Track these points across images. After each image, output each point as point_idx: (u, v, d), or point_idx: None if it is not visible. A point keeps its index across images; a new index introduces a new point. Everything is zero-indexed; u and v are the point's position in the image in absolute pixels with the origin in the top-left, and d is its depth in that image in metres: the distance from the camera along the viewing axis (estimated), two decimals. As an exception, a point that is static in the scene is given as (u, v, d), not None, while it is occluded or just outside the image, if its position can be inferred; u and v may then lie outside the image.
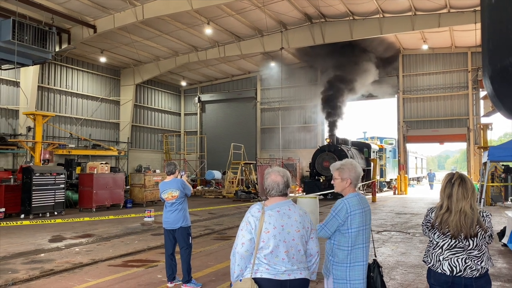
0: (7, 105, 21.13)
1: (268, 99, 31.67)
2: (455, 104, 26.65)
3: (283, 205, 2.96)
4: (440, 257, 3.11)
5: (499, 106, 1.59)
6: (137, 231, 11.49)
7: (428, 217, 3.26)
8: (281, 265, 2.81)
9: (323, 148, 22.91)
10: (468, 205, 3.05)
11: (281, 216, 2.89)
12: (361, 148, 26.20)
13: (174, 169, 6.38)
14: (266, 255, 2.81)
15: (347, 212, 3.23)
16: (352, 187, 3.38)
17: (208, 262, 7.66)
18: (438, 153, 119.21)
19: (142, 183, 18.70)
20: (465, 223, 3.02)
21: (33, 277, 6.64)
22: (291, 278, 2.82)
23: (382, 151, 29.58)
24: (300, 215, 2.95)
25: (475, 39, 24.32)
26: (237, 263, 2.87)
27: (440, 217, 3.11)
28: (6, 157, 20.76)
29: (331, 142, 22.78)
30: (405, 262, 7.58)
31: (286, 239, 2.84)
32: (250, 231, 2.86)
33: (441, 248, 3.12)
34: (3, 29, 12.91)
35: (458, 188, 3.08)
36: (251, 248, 2.85)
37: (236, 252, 2.88)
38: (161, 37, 23.29)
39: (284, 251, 2.82)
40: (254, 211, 2.94)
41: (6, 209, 13.88)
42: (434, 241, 3.18)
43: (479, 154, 23.54)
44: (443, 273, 3.09)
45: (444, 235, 3.11)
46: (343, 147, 22.59)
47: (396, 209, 17.02)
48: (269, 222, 2.85)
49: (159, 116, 32.67)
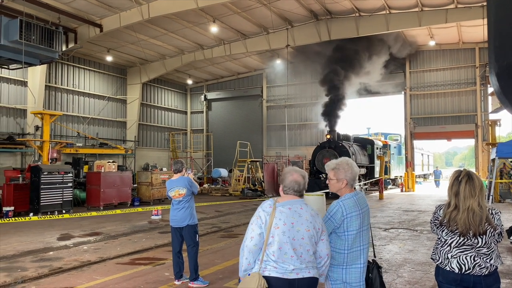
0: (15, 105, 21.30)
1: (274, 97, 31.64)
2: (463, 100, 26.44)
3: (295, 203, 2.96)
4: (449, 255, 3.08)
5: (505, 103, 1.58)
6: (144, 229, 11.55)
7: (436, 215, 3.23)
8: (289, 262, 2.81)
9: (323, 145, 21.69)
10: (476, 202, 3.01)
11: (292, 213, 2.89)
12: (364, 145, 25.36)
13: (181, 167, 6.40)
14: (275, 252, 2.81)
15: (343, 215, 3.11)
16: (349, 187, 3.25)
17: (215, 260, 7.68)
18: (446, 149, 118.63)
19: (149, 181, 18.78)
20: (474, 221, 2.99)
21: (42, 275, 6.71)
22: (299, 277, 2.81)
23: (386, 147, 28.55)
24: (311, 215, 2.94)
25: (483, 35, 24.04)
26: (245, 256, 2.87)
27: (448, 215, 3.08)
28: (14, 156, 20.95)
29: (332, 138, 21.51)
30: (412, 260, 7.55)
31: (296, 237, 2.83)
32: (260, 225, 2.87)
33: (450, 246, 3.09)
34: (11, 29, 13.01)
35: (466, 185, 3.04)
36: (260, 242, 2.85)
37: (245, 246, 2.88)
38: (167, 35, 23.34)
39: (292, 249, 2.81)
40: (265, 206, 2.94)
41: (15, 207, 14.00)
42: (443, 239, 3.15)
43: (487, 151, 23.35)
44: (452, 270, 3.06)
45: (452, 233, 3.08)
46: (344, 143, 21.59)
47: (404, 206, 16.95)
48: (280, 218, 2.85)
49: (165, 114, 32.78)
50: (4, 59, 13.94)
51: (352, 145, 23.02)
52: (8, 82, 21.13)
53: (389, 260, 7.49)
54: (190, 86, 34.71)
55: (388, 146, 28.83)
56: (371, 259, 3.41)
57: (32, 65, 15.30)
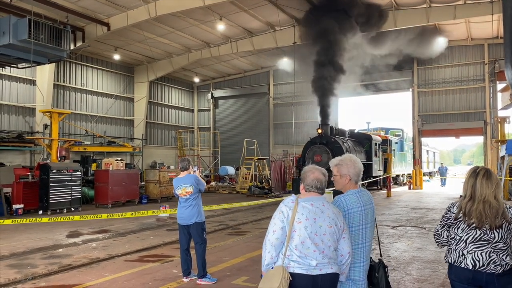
0: (24, 103, 21.49)
1: (281, 94, 31.59)
2: (471, 97, 26.21)
3: (317, 200, 2.98)
4: (464, 251, 3.05)
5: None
6: (152, 226, 11.61)
7: (449, 212, 3.18)
8: (312, 257, 2.83)
9: (314, 140, 19.26)
10: (492, 195, 2.98)
11: (315, 209, 2.91)
12: (361, 140, 23.37)
13: (187, 165, 6.42)
14: (297, 245, 2.84)
15: (344, 210, 3.12)
16: (353, 183, 3.26)
17: (223, 257, 7.70)
18: (454, 147, 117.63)
19: (156, 179, 18.86)
20: (490, 213, 2.95)
21: (52, 272, 6.77)
22: (322, 273, 2.83)
23: (387, 143, 26.43)
24: (333, 213, 2.96)
25: (492, 31, 23.85)
26: (267, 250, 2.91)
27: (464, 206, 3.05)
28: (23, 154, 21.15)
29: (324, 133, 19.17)
30: (421, 257, 7.51)
31: (318, 233, 2.85)
32: (282, 220, 2.89)
33: (465, 242, 3.05)
34: (20, 28, 13.09)
35: (482, 178, 3.03)
36: (282, 236, 2.87)
37: (268, 240, 2.92)
38: (173, 33, 23.39)
39: (314, 244, 2.84)
40: (288, 201, 2.98)
41: (24, 205, 14.15)
42: (457, 236, 3.11)
43: (496, 148, 23.12)
44: (466, 267, 3.02)
45: (468, 228, 3.04)
46: (337, 139, 19.34)
47: (411, 204, 16.86)
48: (302, 213, 2.88)
49: (172, 112, 32.88)
50: (13, 58, 14.05)
51: (346, 140, 20.99)
52: (17, 81, 21.32)
53: (397, 258, 7.46)
54: (197, 84, 34.78)
55: (389, 142, 26.77)
56: (378, 258, 3.41)
57: (40, 64, 15.42)
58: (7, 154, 20.10)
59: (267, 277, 2.83)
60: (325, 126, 19.46)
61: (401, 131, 30.70)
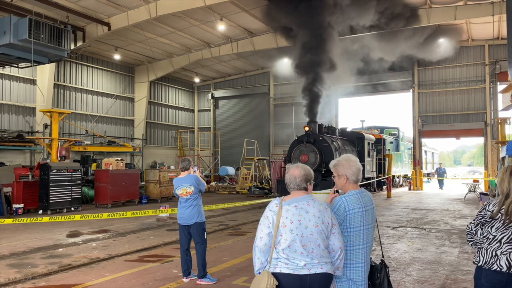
0: (24, 103, 21.49)
1: (281, 95, 31.58)
2: (472, 98, 26.19)
3: (301, 200, 2.97)
4: (498, 252, 2.93)
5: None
6: (152, 226, 11.60)
7: (484, 210, 3.07)
8: (300, 259, 2.82)
9: (301, 139, 18.04)
10: None
11: (299, 211, 2.90)
12: (353, 139, 22.02)
13: (188, 165, 6.42)
14: (284, 249, 2.84)
15: (345, 210, 3.11)
16: (352, 183, 3.24)
17: (223, 258, 7.70)
18: (454, 148, 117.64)
19: (157, 179, 18.87)
20: None
21: (52, 272, 6.77)
22: (311, 273, 2.82)
23: (381, 142, 24.96)
24: (319, 210, 2.93)
25: (493, 32, 23.84)
26: (257, 256, 2.93)
27: (506, 205, 2.94)
28: (23, 154, 21.14)
29: (311, 130, 17.93)
30: (421, 258, 7.51)
31: (304, 234, 2.85)
32: (268, 225, 2.92)
33: (500, 242, 2.94)
34: (20, 28, 13.10)
35: None
36: (270, 242, 2.89)
37: (256, 246, 2.95)
38: (174, 33, 23.39)
39: (302, 246, 2.83)
40: (272, 206, 2.98)
41: (24, 205, 14.16)
42: (490, 236, 3.00)
43: (496, 149, 23.14)
44: (499, 270, 2.90)
45: (504, 227, 2.94)
46: (326, 138, 18.03)
47: (412, 205, 16.85)
48: (286, 217, 2.88)
49: (173, 112, 32.88)
50: (14, 58, 14.06)
51: (336, 139, 19.56)
52: (17, 81, 21.32)
53: (398, 259, 7.46)
54: (197, 84, 34.77)
55: (383, 141, 25.28)
56: (380, 259, 3.41)
57: (41, 64, 15.42)
58: (7, 154, 20.09)
59: (255, 282, 2.85)
60: (313, 124, 18.18)
61: (397, 130, 29.23)
